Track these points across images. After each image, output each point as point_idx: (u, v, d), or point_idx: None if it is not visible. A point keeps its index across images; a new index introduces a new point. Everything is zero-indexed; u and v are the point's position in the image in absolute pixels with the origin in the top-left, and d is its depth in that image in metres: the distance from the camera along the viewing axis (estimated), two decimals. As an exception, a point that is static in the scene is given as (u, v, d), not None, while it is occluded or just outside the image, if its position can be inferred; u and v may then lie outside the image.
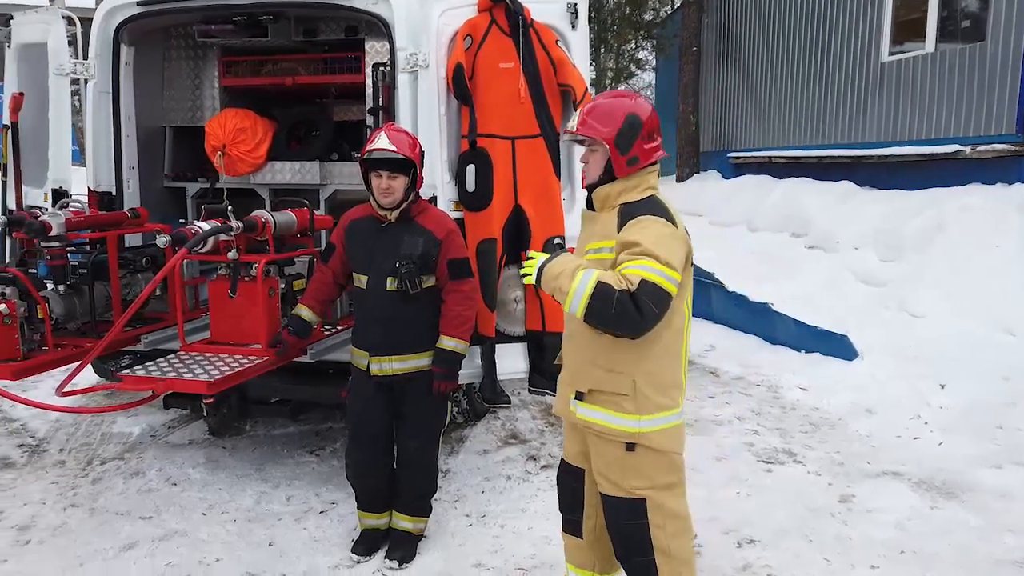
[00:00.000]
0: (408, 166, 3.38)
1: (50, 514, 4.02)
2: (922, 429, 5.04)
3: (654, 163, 2.61)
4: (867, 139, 9.72)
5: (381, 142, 3.31)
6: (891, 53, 9.42)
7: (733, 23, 13.72)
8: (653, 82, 20.38)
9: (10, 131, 4.77)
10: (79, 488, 4.32)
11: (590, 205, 2.68)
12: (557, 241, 2.57)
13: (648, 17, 17.90)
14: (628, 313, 2.32)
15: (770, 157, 11.44)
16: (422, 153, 3.47)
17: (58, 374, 3.60)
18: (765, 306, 7.00)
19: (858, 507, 4.10)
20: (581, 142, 2.67)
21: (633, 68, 20.40)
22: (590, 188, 2.64)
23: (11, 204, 4.85)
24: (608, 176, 2.58)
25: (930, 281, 6.64)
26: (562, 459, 2.93)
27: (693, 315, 8.95)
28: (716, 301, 7.74)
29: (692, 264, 2.64)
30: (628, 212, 2.52)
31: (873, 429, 5.13)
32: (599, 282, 2.34)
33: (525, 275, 2.57)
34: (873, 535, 3.80)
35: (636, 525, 2.61)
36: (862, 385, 5.73)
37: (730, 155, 12.96)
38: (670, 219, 2.54)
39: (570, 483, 2.86)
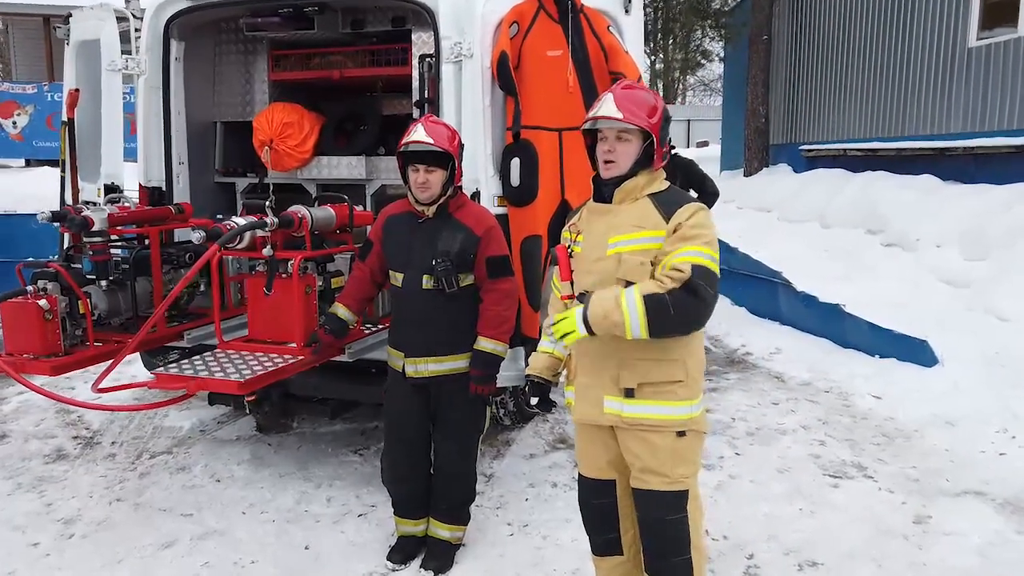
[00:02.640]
0: (446, 159, 3.23)
1: (96, 508, 4.05)
2: (1009, 444, 4.62)
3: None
4: (951, 130, 9.14)
5: (418, 134, 3.17)
6: (979, 37, 8.83)
7: (806, 9, 13.14)
8: (721, 73, 19.76)
9: (67, 127, 4.83)
10: (126, 482, 4.35)
11: (599, 198, 2.60)
12: (580, 294, 2.44)
13: (716, 5, 17.32)
14: (688, 305, 2.32)
15: (844, 150, 10.92)
16: (461, 146, 3.31)
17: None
18: (836, 307, 6.61)
19: (935, 529, 3.76)
20: (594, 132, 2.56)
21: (699, 59, 19.83)
22: (616, 180, 2.53)
23: (68, 199, 4.92)
24: (636, 168, 2.51)
25: (1019, 282, 6.16)
26: (583, 478, 2.78)
27: (758, 314, 8.57)
28: (783, 301, 7.37)
29: None
30: (666, 201, 2.50)
31: (954, 443, 4.73)
32: (644, 297, 2.31)
33: (565, 335, 2.44)
34: (951, 562, 3.46)
35: (678, 520, 2.56)
36: (942, 394, 5.32)
37: (801, 148, 12.44)
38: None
39: (600, 500, 2.74)
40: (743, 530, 3.77)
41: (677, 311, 2.31)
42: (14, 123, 15.21)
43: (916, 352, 5.77)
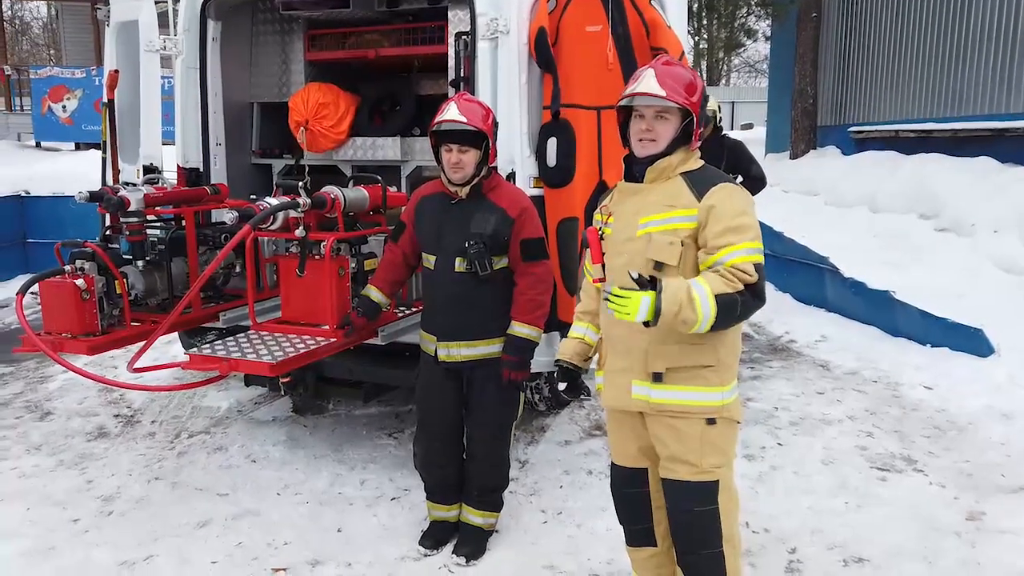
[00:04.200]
0: (480, 139, 3.14)
1: (135, 486, 4.09)
2: (1070, 439, 4.40)
3: None
4: (1012, 110, 8.72)
5: (451, 113, 3.09)
6: (1045, 11, 8.37)
7: (858, -15, 12.66)
8: (767, 54, 19.23)
9: (107, 108, 4.87)
10: (164, 461, 4.39)
11: (631, 179, 2.52)
12: (637, 276, 2.30)
13: (763, -18, 16.79)
14: (752, 308, 2.32)
15: (897, 131, 10.51)
16: (496, 124, 3.22)
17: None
18: (886, 294, 6.38)
19: (989, 527, 3.59)
20: (628, 108, 2.48)
21: (743, 38, 19.31)
22: (650, 159, 2.44)
23: (109, 180, 4.97)
24: (672, 147, 2.43)
25: (1085, 269, 5.84)
26: (615, 466, 2.72)
27: (803, 301, 8.34)
28: (830, 288, 7.15)
29: None
30: (699, 179, 2.42)
31: (1010, 436, 4.53)
32: (718, 297, 2.25)
33: (625, 313, 2.24)
34: (1006, 561, 3.30)
35: (708, 512, 2.48)
36: (998, 386, 5.10)
37: (851, 129, 12.03)
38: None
39: (633, 488, 2.67)
40: (785, 523, 3.65)
41: (743, 312, 2.30)
42: (64, 107, 15.56)
43: (971, 341, 5.54)
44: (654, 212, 2.42)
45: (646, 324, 2.25)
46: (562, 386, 2.86)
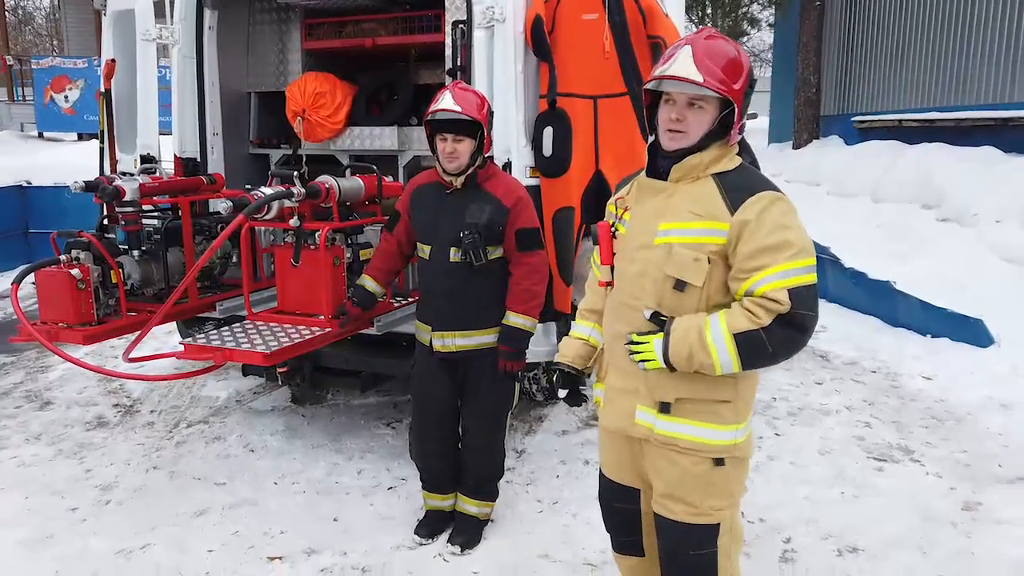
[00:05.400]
0: (475, 128, 3.12)
1: (133, 475, 4.11)
2: (1069, 430, 4.39)
3: None
4: (1016, 99, 8.66)
5: (445, 102, 3.07)
6: (1049, -1, 8.30)
7: (862, -27, 12.56)
8: (771, 43, 19.11)
9: (105, 98, 4.85)
10: (163, 450, 4.41)
11: (654, 173, 2.14)
12: (652, 314, 2.06)
13: (767, -30, 16.69)
14: (791, 341, 1.96)
15: (900, 120, 10.47)
16: (491, 113, 3.20)
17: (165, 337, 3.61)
18: (886, 285, 6.36)
19: (985, 517, 3.59)
20: (656, 93, 2.09)
21: (746, 27, 19.17)
22: (679, 154, 2.07)
23: (107, 170, 4.96)
24: (706, 141, 2.05)
25: (1087, 260, 5.81)
26: (604, 477, 2.42)
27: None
28: (831, 278, 7.12)
29: None
30: (735, 185, 2.02)
31: (1008, 427, 4.52)
32: (735, 336, 1.95)
33: (645, 362, 2.07)
34: (1002, 551, 3.30)
35: (705, 555, 2.17)
36: (998, 377, 5.09)
37: (854, 119, 11.98)
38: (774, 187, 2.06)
39: (624, 504, 2.40)
40: (780, 513, 3.65)
41: (777, 348, 1.95)
42: (66, 97, 15.56)
43: (971, 332, 5.53)
44: (678, 219, 2.05)
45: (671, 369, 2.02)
46: (562, 393, 2.54)
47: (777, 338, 1.94)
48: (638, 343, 2.07)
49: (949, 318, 5.74)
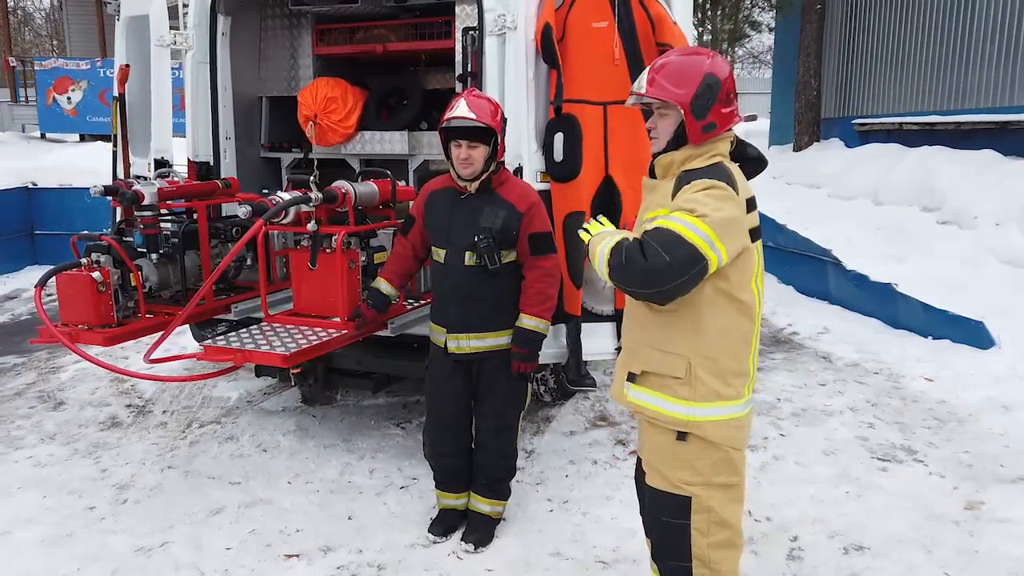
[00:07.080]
0: (489, 134, 3.19)
1: (148, 474, 4.17)
2: (1069, 431, 4.46)
3: (729, 129, 2.33)
4: (1016, 103, 8.73)
5: (460, 109, 3.14)
6: (1049, 4, 8.36)
7: (863, -24, 12.63)
8: (771, 45, 19.19)
9: (118, 103, 4.91)
10: (177, 450, 4.47)
11: (651, 173, 2.44)
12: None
13: (768, -26, 16.74)
14: (632, 262, 2.16)
15: (900, 123, 10.53)
16: (504, 120, 3.27)
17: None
18: (888, 287, 6.43)
19: (987, 516, 3.66)
20: (647, 106, 2.39)
21: (748, 30, 19.24)
22: (655, 156, 2.39)
23: (120, 174, 5.02)
24: (677, 143, 2.32)
25: (1086, 263, 5.88)
26: (638, 458, 2.69)
27: (806, 294, 8.34)
28: (832, 280, 7.19)
29: (758, 239, 2.33)
30: (686, 179, 2.27)
31: (1009, 428, 4.59)
32: (617, 241, 2.25)
33: (586, 232, 2.44)
34: (1004, 550, 3.37)
35: (677, 525, 2.40)
36: (999, 378, 5.15)
37: (855, 122, 12.04)
38: (731, 184, 2.24)
39: (640, 476, 2.64)
40: (787, 512, 3.72)
41: (625, 261, 2.18)
42: (68, 98, 15.61)
43: (972, 334, 5.59)
44: (650, 210, 2.37)
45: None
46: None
47: (628, 252, 2.18)
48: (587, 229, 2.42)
49: (950, 320, 5.80)
